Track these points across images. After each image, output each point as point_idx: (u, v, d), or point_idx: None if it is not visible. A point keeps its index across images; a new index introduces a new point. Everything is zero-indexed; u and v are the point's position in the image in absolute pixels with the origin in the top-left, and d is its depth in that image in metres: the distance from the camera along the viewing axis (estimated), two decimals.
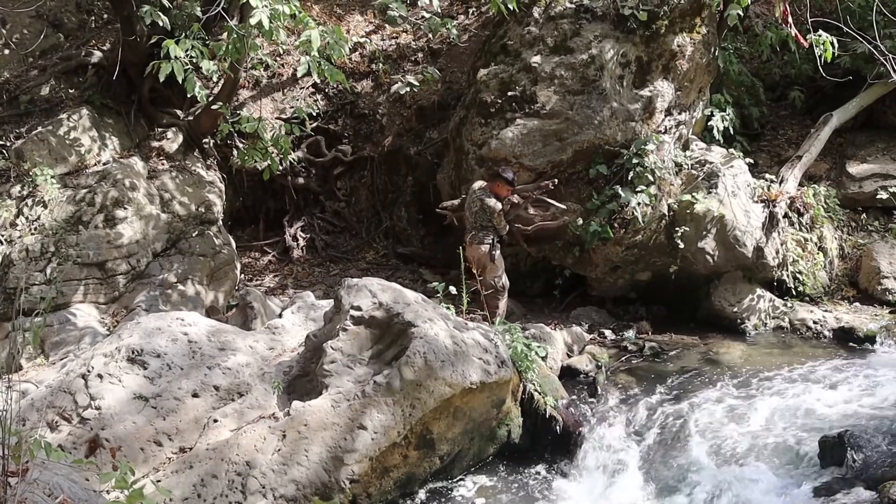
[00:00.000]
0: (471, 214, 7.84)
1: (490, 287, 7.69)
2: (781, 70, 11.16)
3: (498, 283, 7.84)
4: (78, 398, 5.55)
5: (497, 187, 7.80)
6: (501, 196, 7.80)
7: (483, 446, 6.12)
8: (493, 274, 7.81)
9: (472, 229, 7.85)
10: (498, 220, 7.74)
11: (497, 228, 7.77)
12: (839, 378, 6.88)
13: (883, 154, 10.12)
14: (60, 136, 8.72)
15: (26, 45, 9.84)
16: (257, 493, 5.06)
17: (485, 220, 7.73)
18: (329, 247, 10.75)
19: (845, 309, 8.81)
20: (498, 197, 7.77)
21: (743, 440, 5.98)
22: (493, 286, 7.75)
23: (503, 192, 7.81)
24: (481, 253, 7.74)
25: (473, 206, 7.80)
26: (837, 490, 5.12)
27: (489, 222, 7.73)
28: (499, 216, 7.73)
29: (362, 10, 12.16)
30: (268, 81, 11.09)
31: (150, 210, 8.60)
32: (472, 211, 7.82)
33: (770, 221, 8.56)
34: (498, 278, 7.85)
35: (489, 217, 7.71)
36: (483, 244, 7.75)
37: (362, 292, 6.02)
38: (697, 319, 8.69)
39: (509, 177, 7.81)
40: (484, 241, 7.75)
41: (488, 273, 7.75)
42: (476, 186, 7.93)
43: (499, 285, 7.85)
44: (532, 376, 6.51)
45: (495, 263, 7.81)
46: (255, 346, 6.27)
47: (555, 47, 8.65)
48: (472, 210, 7.82)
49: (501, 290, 7.89)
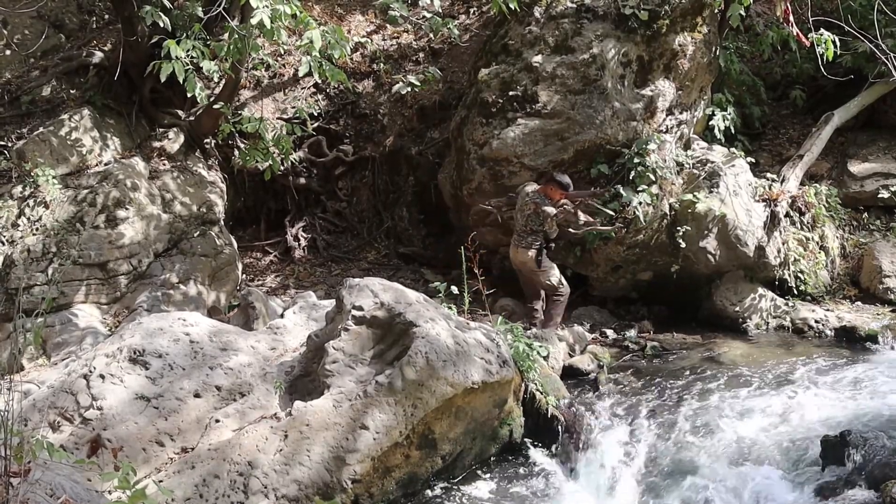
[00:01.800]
0: (522, 217, 7.60)
1: (550, 288, 7.52)
2: (783, 69, 11.16)
3: (554, 282, 7.64)
4: (80, 398, 5.55)
5: (550, 191, 7.55)
6: (555, 200, 7.55)
7: (485, 446, 6.11)
8: (546, 276, 7.62)
9: (520, 232, 7.62)
10: (549, 225, 7.50)
11: (546, 233, 7.56)
12: (841, 377, 6.87)
13: (884, 153, 10.12)
14: (62, 136, 8.72)
15: (28, 46, 9.85)
16: (259, 494, 5.06)
17: (536, 224, 7.51)
18: (330, 247, 10.75)
19: (847, 308, 8.81)
20: (551, 201, 7.53)
21: (744, 440, 5.98)
22: (552, 286, 7.58)
23: (556, 196, 7.55)
24: (528, 258, 7.56)
25: (526, 209, 7.56)
26: (839, 489, 5.11)
27: (540, 227, 7.51)
28: (551, 222, 7.48)
29: (363, 9, 12.15)
30: (269, 81, 11.09)
31: (151, 210, 8.60)
32: (523, 214, 7.58)
33: (771, 221, 8.56)
34: (554, 278, 7.66)
35: (541, 222, 7.48)
36: (531, 249, 7.54)
37: (364, 292, 6.02)
38: (699, 319, 8.69)
39: (564, 182, 7.56)
40: (532, 245, 7.54)
41: (540, 277, 7.58)
42: (529, 189, 7.67)
43: (555, 283, 7.64)
44: (534, 376, 6.51)
45: (543, 267, 7.60)
46: (257, 347, 6.27)
47: (556, 47, 8.65)
48: (524, 213, 7.58)
49: (560, 287, 7.67)
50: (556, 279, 7.66)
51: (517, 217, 7.68)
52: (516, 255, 7.61)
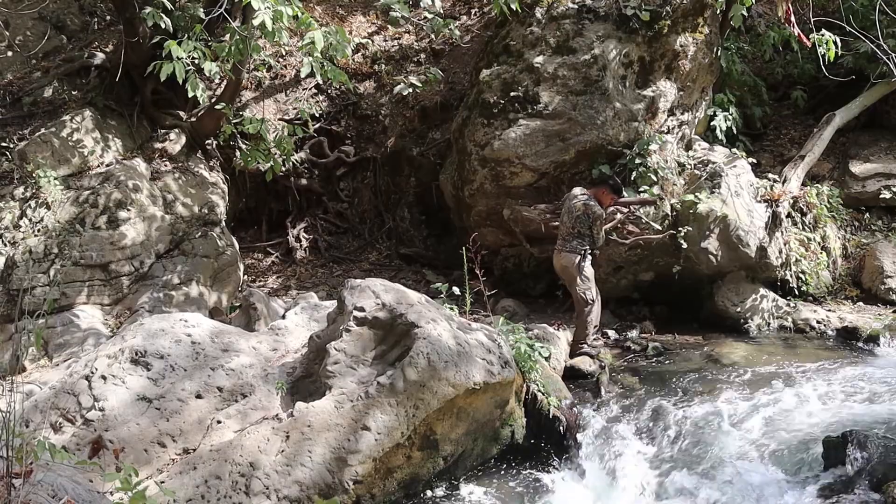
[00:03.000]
0: (570, 218, 7.22)
1: (579, 300, 7.29)
2: (784, 70, 11.16)
3: (588, 297, 7.28)
4: (81, 399, 5.55)
5: (601, 194, 7.26)
6: (605, 204, 7.28)
7: (486, 447, 6.11)
8: (583, 287, 7.27)
9: (565, 236, 7.29)
10: (598, 229, 7.19)
11: (594, 238, 7.23)
12: (843, 378, 6.87)
13: (886, 153, 10.12)
14: (63, 137, 8.73)
15: (29, 47, 9.87)
16: (261, 494, 5.06)
17: (584, 226, 7.16)
18: (332, 248, 10.76)
19: (849, 308, 8.80)
20: (601, 205, 7.23)
21: (746, 440, 5.97)
22: (584, 300, 7.27)
23: (607, 200, 7.29)
24: (571, 263, 7.22)
25: (575, 210, 7.18)
26: (841, 490, 5.11)
27: (588, 230, 7.17)
28: (600, 224, 7.20)
29: (364, 10, 12.17)
30: (270, 83, 11.11)
31: (152, 211, 8.61)
32: (571, 215, 7.21)
33: (773, 221, 8.55)
34: (588, 290, 7.28)
35: (590, 224, 7.14)
36: (575, 253, 7.20)
37: (365, 293, 6.02)
38: (701, 319, 8.69)
39: (617, 186, 7.31)
40: (577, 249, 7.20)
41: (577, 286, 7.25)
42: (577, 191, 7.37)
43: (588, 298, 7.28)
44: (535, 377, 6.51)
45: (585, 275, 7.25)
46: (259, 348, 6.27)
47: (557, 48, 8.66)
48: (571, 214, 7.20)
49: (591, 303, 7.30)
50: (590, 295, 7.30)
51: (563, 220, 7.33)
52: (559, 260, 7.32)
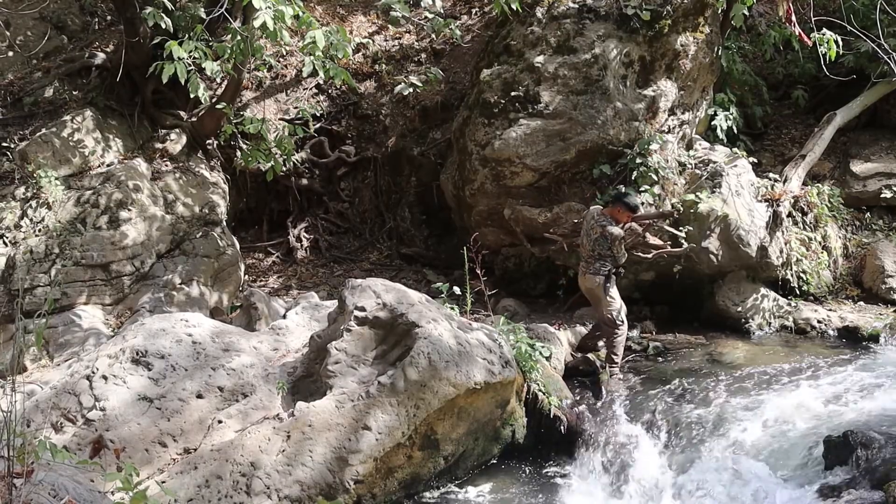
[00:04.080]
0: (588, 241, 7.18)
1: (607, 322, 7.22)
2: (785, 69, 11.15)
3: (617, 318, 7.19)
4: (82, 399, 5.56)
5: (617, 213, 7.16)
6: (621, 222, 7.18)
7: (487, 446, 6.11)
8: (609, 307, 7.18)
9: (587, 258, 7.25)
10: (618, 249, 7.11)
11: (615, 257, 7.15)
12: (844, 377, 6.86)
13: (887, 153, 10.11)
14: (64, 137, 8.73)
15: (30, 47, 9.88)
16: (262, 494, 5.07)
17: (604, 248, 7.10)
18: (333, 247, 10.76)
19: (849, 308, 8.80)
20: (618, 223, 7.15)
21: (747, 440, 5.97)
22: (611, 320, 7.18)
23: (623, 217, 7.18)
24: (595, 284, 7.17)
25: (592, 232, 7.14)
26: (843, 490, 5.11)
27: (608, 251, 7.11)
28: (619, 244, 7.10)
29: (365, 10, 12.17)
30: (271, 82, 11.10)
31: (153, 211, 8.61)
32: (590, 238, 7.16)
33: (774, 221, 8.54)
34: (615, 311, 7.20)
35: (609, 245, 7.08)
36: (598, 275, 7.15)
37: (366, 293, 6.02)
38: (701, 319, 8.68)
39: (632, 203, 7.21)
40: (600, 271, 7.15)
41: (603, 307, 7.19)
42: (594, 212, 7.29)
43: (618, 319, 7.20)
44: (536, 376, 6.51)
45: (610, 296, 7.19)
46: (260, 347, 6.28)
47: (558, 47, 8.65)
48: (590, 237, 7.16)
49: (619, 325, 7.22)
50: (616, 313, 7.22)
51: (583, 242, 7.31)
52: (584, 281, 7.28)
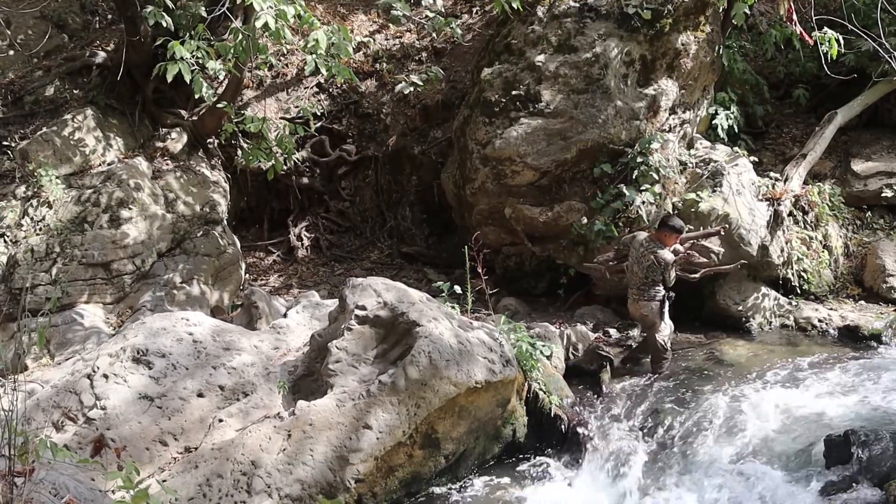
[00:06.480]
0: (640, 269, 7.15)
1: (658, 347, 7.26)
2: (786, 68, 11.14)
3: (662, 340, 7.25)
4: (83, 398, 5.56)
5: (664, 237, 7.15)
6: (668, 245, 7.15)
7: (488, 445, 6.12)
8: (662, 334, 7.25)
9: (640, 285, 7.21)
10: (669, 273, 7.11)
11: (667, 281, 7.16)
12: (844, 376, 6.87)
13: (888, 152, 10.10)
14: (65, 136, 8.73)
15: (31, 46, 9.87)
16: (262, 493, 5.07)
17: (657, 274, 7.08)
18: (333, 246, 10.76)
19: (850, 307, 8.80)
20: (665, 246, 7.13)
21: (748, 439, 5.97)
22: (660, 346, 7.25)
23: (670, 241, 7.17)
24: (651, 311, 7.18)
25: (644, 260, 7.10)
26: (843, 488, 5.12)
27: (660, 276, 7.10)
28: (671, 268, 7.10)
29: (366, 9, 12.17)
30: (272, 81, 11.10)
31: (154, 210, 8.61)
32: (642, 266, 7.12)
33: (775, 220, 8.54)
34: (666, 337, 7.28)
35: (662, 271, 7.07)
36: (654, 301, 7.16)
37: (367, 292, 6.02)
38: (702, 318, 8.67)
39: (678, 225, 7.19)
40: (655, 297, 7.15)
41: (656, 331, 7.23)
42: (642, 238, 7.26)
43: (662, 343, 7.25)
44: (537, 375, 6.51)
45: (665, 322, 7.25)
46: (260, 346, 6.28)
47: (559, 46, 8.64)
48: (642, 265, 7.12)
49: (664, 348, 7.28)
50: (665, 338, 7.28)
51: (634, 270, 7.25)
52: (637, 308, 7.27)
